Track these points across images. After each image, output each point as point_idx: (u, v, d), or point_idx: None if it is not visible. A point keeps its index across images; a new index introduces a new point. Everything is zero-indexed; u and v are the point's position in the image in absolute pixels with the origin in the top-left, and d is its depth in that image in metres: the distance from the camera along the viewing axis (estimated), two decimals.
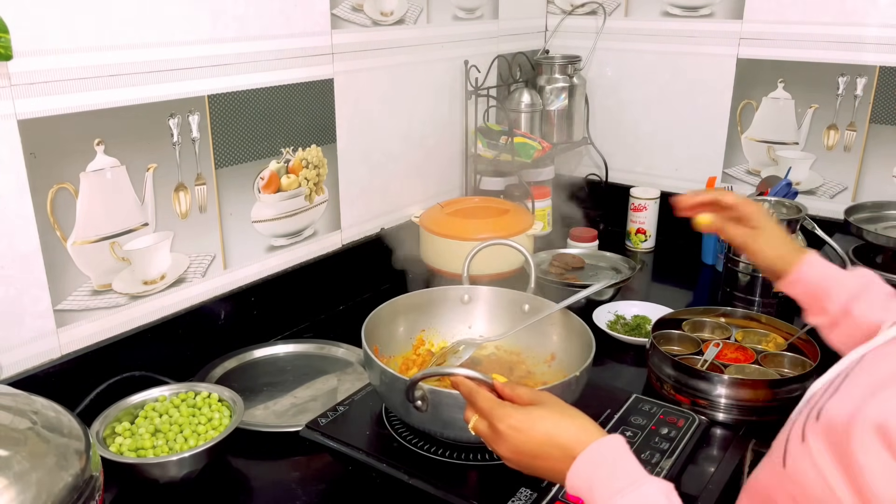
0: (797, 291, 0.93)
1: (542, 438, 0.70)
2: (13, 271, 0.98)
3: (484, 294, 1.19)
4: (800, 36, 1.61)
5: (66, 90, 0.99)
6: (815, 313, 0.92)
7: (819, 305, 0.90)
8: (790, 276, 0.93)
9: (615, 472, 0.66)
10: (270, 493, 0.97)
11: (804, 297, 0.92)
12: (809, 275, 0.91)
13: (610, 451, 0.68)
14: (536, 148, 1.68)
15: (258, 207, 1.30)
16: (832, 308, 0.88)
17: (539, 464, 0.70)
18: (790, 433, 0.63)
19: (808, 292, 0.92)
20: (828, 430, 0.57)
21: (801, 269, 0.92)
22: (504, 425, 0.71)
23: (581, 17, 1.89)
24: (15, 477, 0.59)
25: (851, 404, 0.57)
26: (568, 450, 0.68)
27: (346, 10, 1.36)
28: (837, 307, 0.88)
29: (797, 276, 0.92)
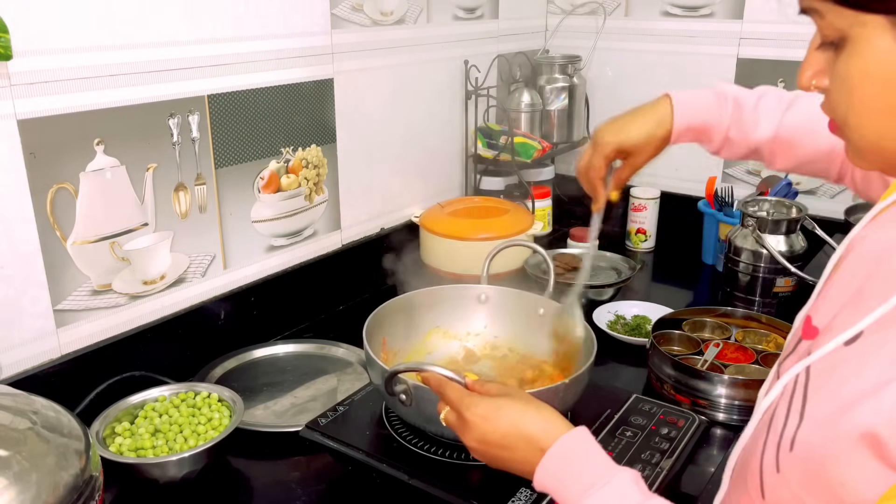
0: (685, 140, 0.99)
1: (507, 428, 0.70)
2: (13, 271, 0.98)
3: (500, 294, 1.19)
4: (800, 36, 1.60)
5: (66, 90, 0.99)
6: (703, 143, 1.00)
7: (705, 139, 0.98)
8: (673, 140, 0.98)
9: (584, 466, 0.66)
10: (270, 493, 0.97)
11: (692, 138, 0.99)
12: (688, 126, 0.96)
13: (577, 445, 0.68)
14: (536, 148, 1.68)
15: (258, 207, 1.30)
16: (716, 140, 0.97)
17: (505, 455, 0.71)
18: (763, 462, 0.60)
19: (693, 135, 0.98)
20: (806, 460, 0.55)
21: (678, 130, 0.96)
22: (471, 413, 0.72)
23: (581, 17, 1.89)
24: (15, 477, 0.59)
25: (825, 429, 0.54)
26: (535, 442, 0.69)
27: (346, 10, 1.36)
28: (720, 139, 0.97)
29: (678, 136, 0.97)
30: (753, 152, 0.97)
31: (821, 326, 0.63)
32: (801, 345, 0.65)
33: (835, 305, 0.62)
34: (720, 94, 0.96)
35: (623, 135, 0.96)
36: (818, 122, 0.87)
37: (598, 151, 0.98)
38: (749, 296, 1.47)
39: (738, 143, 0.95)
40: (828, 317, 0.62)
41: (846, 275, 0.64)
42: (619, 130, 0.97)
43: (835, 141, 0.87)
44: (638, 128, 0.96)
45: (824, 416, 0.55)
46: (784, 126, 0.93)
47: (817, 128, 0.90)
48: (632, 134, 0.96)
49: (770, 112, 0.94)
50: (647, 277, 1.68)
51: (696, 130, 0.96)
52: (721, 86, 0.97)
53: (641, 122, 0.96)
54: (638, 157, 0.97)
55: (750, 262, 1.44)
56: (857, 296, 0.59)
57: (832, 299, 0.63)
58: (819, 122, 0.88)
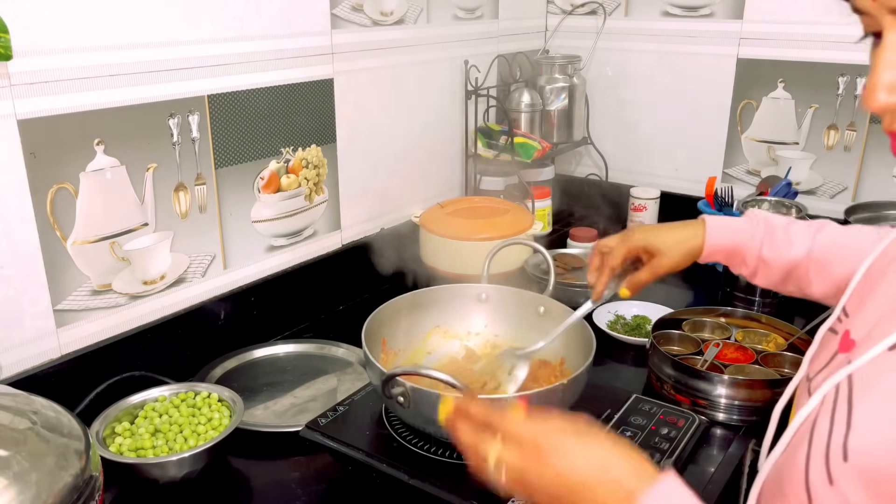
0: (717, 259, 1.00)
1: (595, 467, 0.59)
2: (13, 271, 0.98)
3: (500, 294, 1.19)
4: (800, 36, 1.61)
5: (65, 90, 0.99)
6: (737, 268, 1.00)
7: (738, 261, 0.99)
8: (704, 255, 0.99)
9: None
10: (270, 493, 0.97)
11: (724, 260, 1.00)
12: (720, 245, 0.97)
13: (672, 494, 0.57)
14: (536, 148, 1.68)
15: (258, 207, 1.30)
16: (750, 261, 0.97)
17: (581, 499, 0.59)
18: (809, 475, 0.57)
19: (725, 257, 0.99)
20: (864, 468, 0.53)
21: (710, 246, 0.97)
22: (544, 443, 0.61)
23: (581, 17, 1.89)
24: (15, 477, 0.59)
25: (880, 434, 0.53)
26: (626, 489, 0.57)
27: (346, 10, 1.36)
28: (754, 260, 0.97)
29: (710, 253, 0.98)
30: (789, 273, 0.96)
31: (858, 339, 0.62)
32: (836, 359, 0.64)
33: (873, 317, 0.61)
34: (751, 216, 0.98)
35: (653, 235, 0.98)
36: (850, 245, 0.91)
37: (624, 241, 0.99)
38: (749, 296, 1.47)
39: (773, 262, 0.95)
40: (865, 329, 0.61)
41: (885, 288, 0.63)
42: (651, 230, 1.00)
43: None
44: (670, 233, 0.99)
45: (877, 421, 0.54)
46: (817, 244, 0.93)
47: (850, 250, 0.90)
48: (662, 236, 0.98)
49: (801, 233, 0.95)
50: None
51: (728, 250, 0.98)
52: (752, 211, 1.00)
53: (675, 230, 0.99)
54: (662, 260, 0.97)
55: None
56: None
57: (870, 312, 0.63)
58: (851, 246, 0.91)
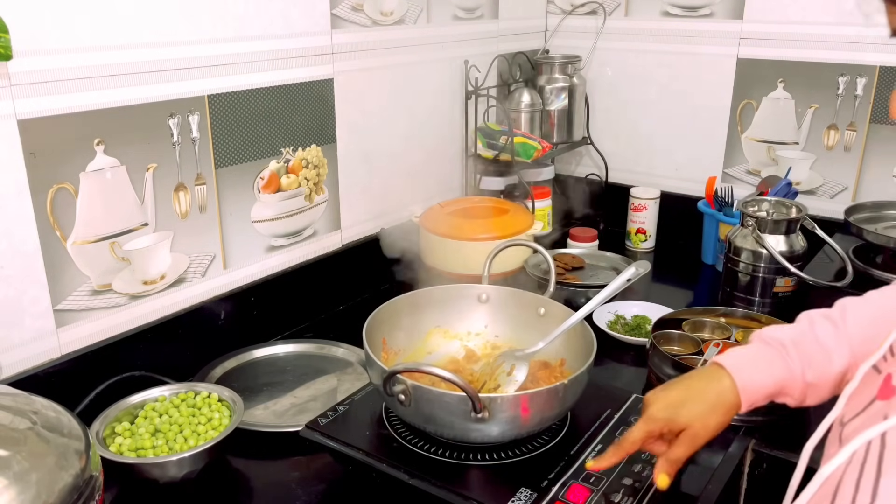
0: (759, 405, 0.84)
1: None
2: (13, 271, 0.98)
3: (500, 294, 1.19)
4: (800, 36, 1.61)
5: (65, 90, 0.99)
6: (781, 399, 0.85)
7: (782, 395, 0.84)
8: (745, 409, 0.82)
9: None
10: (270, 493, 0.97)
11: (765, 401, 0.84)
12: (760, 390, 0.82)
13: None
14: (536, 148, 1.68)
15: (258, 207, 1.30)
16: (796, 392, 0.83)
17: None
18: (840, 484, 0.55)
19: (766, 397, 0.83)
20: None
21: (749, 397, 0.82)
22: None
23: (581, 17, 1.89)
24: (15, 477, 0.59)
25: None
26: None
27: (346, 10, 1.36)
28: (799, 390, 0.82)
29: (751, 403, 0.83)
30: (837, 386, 0.81)
31: None
32: (873, 405, 0.59)
33: None
34: (773, 342, 0.84)
35: (675, 411, 0.82)
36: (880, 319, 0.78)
37: (643, 426, 0.83)
38: (749, 296, 1.47)
39: (821, 383, 0.81)
40: None
41: None
42: (672, 402, 0.82)
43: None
44: (695, 402, 0.82)
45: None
46: (854, 341, 0.80)
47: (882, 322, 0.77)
48: (688, 410, 0.81)
49: (830, 336, 0.81)
50: (647, 277, 1.67)
51: (770, 392, 0.82)
52: (765, 334, 0.85)
53: (698, 396, 0.82)
54: (696, 433, 0.81)
55: (750, 262, 1.44)
56: None
57: None
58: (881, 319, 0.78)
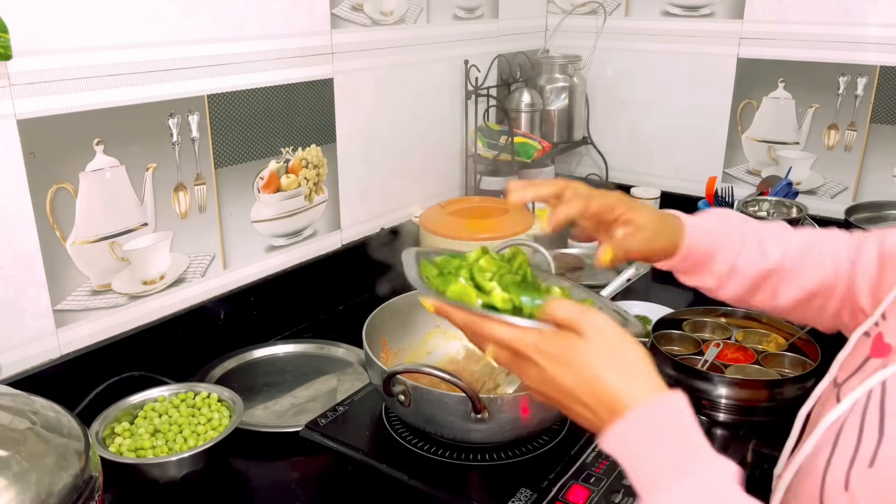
0: (688, 264, 0.82)
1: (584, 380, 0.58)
2: (13, 271, 0.98)
3: None
4: (800, 35, 1.61)
5: (65, 90, 0.98)
6: (700, 277, 0.83)
7: (704, 269, 0.82)
8: (680, 256, 0.81)
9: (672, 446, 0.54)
10: (270, 493, 0.97)
11: (691, 267, 0.82)
12: (698, 240, 0.81)
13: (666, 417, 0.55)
14: (536, 148, 1.68)
15: (258, 207, 1.30)
16: (722, 269, 0.81)
17: (572, 406, 0.59)
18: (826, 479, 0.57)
19: (695, 263, 0.82)
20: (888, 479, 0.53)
21: (688, 246, 0.81)
22: (536, 355, 0.59)
23: (581, 17, 1.89)
24: (14, 477, 0.59)
25: None
26: (609, 404, 0.56)
27: (345, 10, 1.36)
28: (727, 268, 0.81)
29: (686, 253, 0.81)
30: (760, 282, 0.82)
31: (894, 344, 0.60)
32: (868, 363, 0.62)
33: None
34: (723, 217, 0.85)
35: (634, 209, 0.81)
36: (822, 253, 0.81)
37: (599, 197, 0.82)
38: None
39: (746, 271, 0.81)
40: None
41: None
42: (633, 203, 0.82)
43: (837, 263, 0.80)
44: (652, 214, 0.82)
45: None
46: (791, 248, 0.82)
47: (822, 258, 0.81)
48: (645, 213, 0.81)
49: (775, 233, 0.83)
50: (648, 277, 1.68)
51: (705, 252, 0.81)
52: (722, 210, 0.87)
53: (656, 213, 0.82)
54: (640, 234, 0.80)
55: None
56: None
57: None
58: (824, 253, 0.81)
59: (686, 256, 0.81)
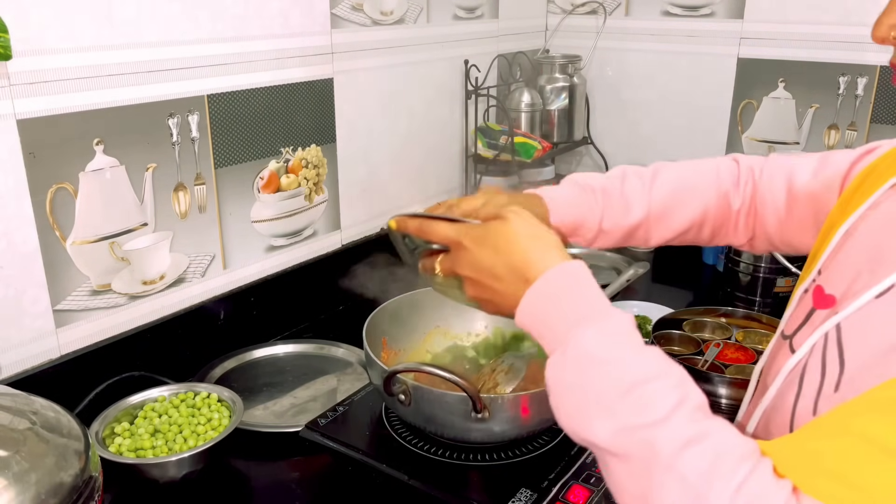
0: None
1: (493, 255, 0.66)
2: (12, 271, 0.98)
3: None
4: (800, 35, 1.61)
5: (65, 90, 0.98)
6: (572, 239, 0.90)
7: (576, 234, 0.89)
8: None
9: (573, 302, 0.61)
10: (270, 493, 0.97)
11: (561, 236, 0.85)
12: (562, 223, 0.86)
13: (568, 278, 0.62)
14: (536, 148, 1.68)
15: (258, 207, 1.30)
16: (589, 234, 0.89)
17: (494, 287, 0.67)
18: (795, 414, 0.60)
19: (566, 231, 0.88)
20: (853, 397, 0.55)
21: (553, 225, 0.86)
22: (464, 238, 0.69)
23: (581, 17, 1.89)
24: (14, 477, 0.59)
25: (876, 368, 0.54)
26: (520, 272, 0.64)
27: (345, 10, 1.36)
28: (592, 232, 0.89)
29: None
30: (628, 237, 0.90)
31: (838, 294, 0.62)
32: (815, 315, 0.65)
33: (850, 272, 0.62)
34: (586, 187, 0.89)
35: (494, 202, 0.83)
36: (683, 193, 0.90)
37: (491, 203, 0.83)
38: (749, 296, 1.47)
39: (613, 231, 0.89)
40: (844, 283, 0.62)
41: (859, 243, 0.64)
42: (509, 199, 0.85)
43: (704, 204, 0.89)
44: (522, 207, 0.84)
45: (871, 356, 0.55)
46: (653, 202, 0.89)
47: (683, 198, 0.89)
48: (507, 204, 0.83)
49: (636, 192, 0.89)
50: (648, 277, 1.68)
51: (569, 228, 0.87)
52: (580, 178, 0.91)
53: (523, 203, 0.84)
54: None
55: (750, 262, 1.44)
56: (878, 255, 0.60)
57: (846, 267, 0.63)
58: (683, 193, 0.90)
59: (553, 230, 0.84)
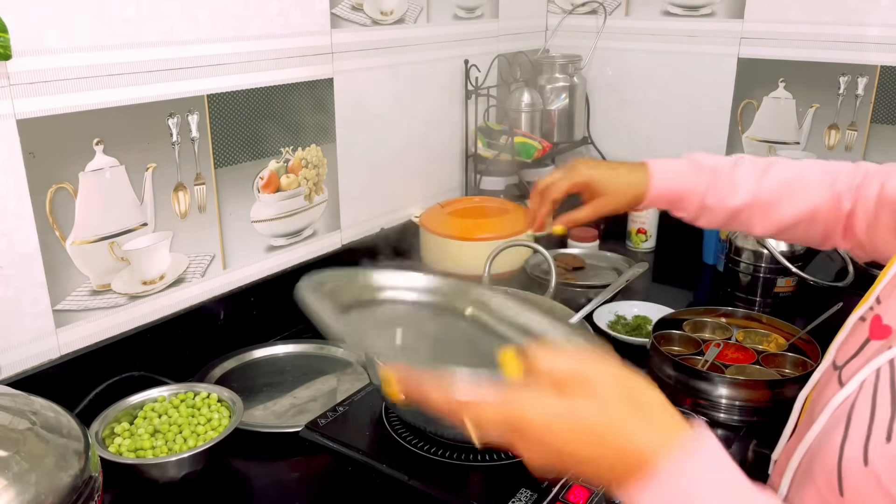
0: (659, 206, 0.99)
1: (593, 441, 0.48)
2: (12, 271, 0.98)
3: None
4: (801, 35, 1.61)
5: (65, 90, 0.98)
6: (678, 212, 0.99)
7: (679, 207, 0.98)
8: (647, 202, 0.98)
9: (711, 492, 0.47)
10: (270, 493, 0.96)
11: (665, 205, 0.99)
12: (663, 192, 0.97)
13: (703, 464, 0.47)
14: (537, 147, 1.68)
15: (258, 207, 1.30)
16: (692, 208, 0.97)
17: (587, 469, 0.50)
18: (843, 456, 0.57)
19: (668, 203, 0.98)
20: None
21: (654, 194, 0.97)
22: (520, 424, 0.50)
23: (581, 17, 1.89)
24: (14, 477, 0.59)
25: None
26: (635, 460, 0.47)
27: (345, 10, 1.36)
28: (696, 207, 0.96)
29: (653, 200, 0.98)
30: (732, 218, 0.96)
31: (894, 325, 0.61)
32: (868, 346, 0.63)
33: None
34: (697, 163, 0.97)
35: (599, 174, 0.98)
36: (795, 186, 0.92)
37: (567, 175, 0.98)
38: (750, 296, 1.47)
39: (716, 210, 0.96)
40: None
41: None
42: (597, 167, 0.99)
43: (815, 201, 0.90)
44: (617, 175, 0.98)
45: None
46: (762, 190, 0.93)
47: (794, 191, 0.92)
48: (609, 177, 0.97)
49: (746, 177, 0.94)
50: (648, 277, 1.68)
51: (672, 198, 0.98)
52: (698, 155, 0.98)
53: (621, 173, 0.98)
54: (605, 201, 0.98)
55: (750, 262, 1.44)
56: None
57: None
58: (796, 185, 0.92)
59: (651, 203, 0.98)
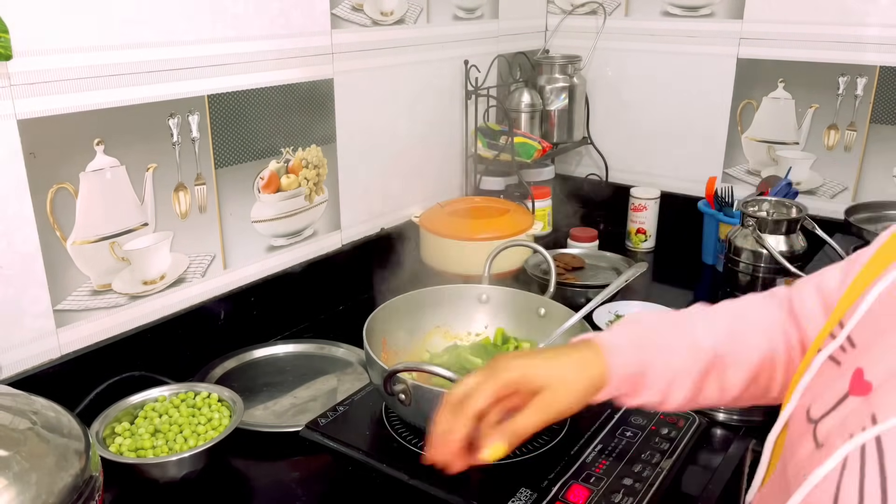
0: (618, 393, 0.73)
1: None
2: (13, 271, 0.98)
3: (501, 295, 1.19)
4: (800, 36, 1.61)
5: (65, 90, 0.99)
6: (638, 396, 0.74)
7: (642, 389, 0.73)
8: (612, 386, 0.72)
9: None
10: (270, 493, 0.97)
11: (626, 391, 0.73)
12: (626, 367, 0.72)
13: None
14: (536, 148, 1.68)
15: (258, 207, 1.30)
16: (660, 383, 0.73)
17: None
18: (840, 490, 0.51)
19: (629, 386, 0.73)
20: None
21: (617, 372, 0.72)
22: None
23: (581, 17, 1.89)
24: (15, 477, 0.59)
25: None
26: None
27: (345, 10, 1.36)
28: (662, 379, 0.73)
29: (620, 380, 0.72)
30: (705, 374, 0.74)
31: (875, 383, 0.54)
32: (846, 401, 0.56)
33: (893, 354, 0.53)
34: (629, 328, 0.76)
35: (534, 366, 0.70)
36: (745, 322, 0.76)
37: (492, 376, 0.69)
38: None
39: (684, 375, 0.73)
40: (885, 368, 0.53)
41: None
42: (528, 359, 0.72)
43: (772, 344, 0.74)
44: (557, 361, 0.71)
45: None
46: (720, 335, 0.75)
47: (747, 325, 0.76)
48: (548, 367, 0.70)
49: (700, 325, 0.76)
50: (647, 277, 1.68)
51: (635, 373, 0.72)
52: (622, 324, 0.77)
53: (561, 355, 0.72)
54: (552, 397, 0.69)
55: (750, 263, 1.44)
56: None
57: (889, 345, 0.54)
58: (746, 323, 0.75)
59: (618, 385, 0.72)
